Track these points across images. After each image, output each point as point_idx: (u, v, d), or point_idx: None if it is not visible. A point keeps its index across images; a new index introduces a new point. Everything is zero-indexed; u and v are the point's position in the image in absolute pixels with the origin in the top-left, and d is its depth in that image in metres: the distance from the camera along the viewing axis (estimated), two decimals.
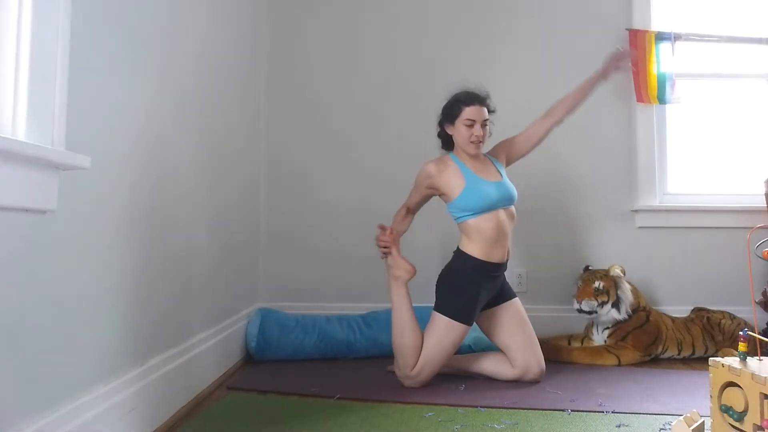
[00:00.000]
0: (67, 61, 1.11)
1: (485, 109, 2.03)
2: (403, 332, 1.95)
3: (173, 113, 1.69)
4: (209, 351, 1.93)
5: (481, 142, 2.01)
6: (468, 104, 2.01)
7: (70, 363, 1.17)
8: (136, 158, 1.45)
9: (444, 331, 1.95)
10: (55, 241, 1.12)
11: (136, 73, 1.45)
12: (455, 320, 1.95)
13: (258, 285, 2.70)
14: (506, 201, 2.03)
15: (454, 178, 2.01)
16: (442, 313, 1.97)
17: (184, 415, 1.63)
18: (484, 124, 2.02)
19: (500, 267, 2.05)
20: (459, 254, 2.04)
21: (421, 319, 2.38)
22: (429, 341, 1.95)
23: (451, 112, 2.04)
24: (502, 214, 2.02)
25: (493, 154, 2.15)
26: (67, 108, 1.12)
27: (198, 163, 1.88)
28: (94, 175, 1.24)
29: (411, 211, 2.20)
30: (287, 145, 2.79)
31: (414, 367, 1.92)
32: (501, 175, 2.08)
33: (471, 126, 1.99)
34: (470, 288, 1.98)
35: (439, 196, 2.09)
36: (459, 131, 2.02)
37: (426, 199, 2.14)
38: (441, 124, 2.09)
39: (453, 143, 2.10)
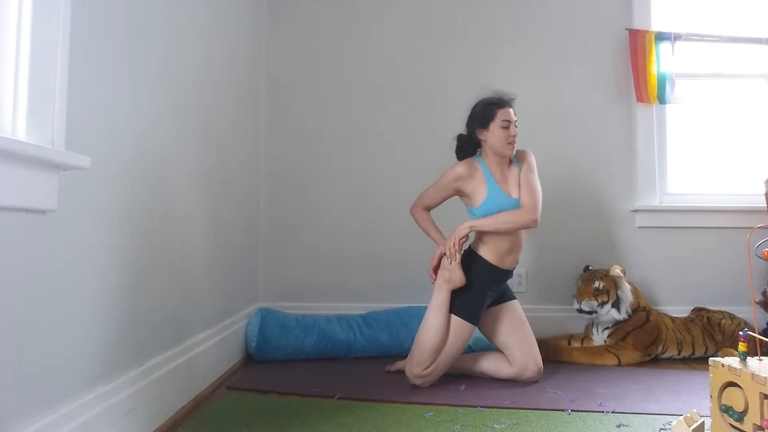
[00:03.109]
0: (67, 61, 1.11)
1: (513, 112, 2.06)
2: (432, 332, 1.94)
3: (174, 113, 1.68)
4: (209, 351, 1.93)
5: (515, 143, 2.04)
6: (501, 106, 2.03)
7: (70, 363, 1.17)
8: (137, 158, 1.45)
9: (457, 332, 1.96)
10: (55, 241, 1.12)
11: (137, 74, 1.45)
12: (467, 321, 1.97)
13: (258, 285, 2.70)
14: None
15: (480, 185, 2.03)
16: (455, 314, 1.97)
17: (184, 415, 1.63)
18: (515, 125, 2.04)
19: (509, 273, 2.09)
20: (471, 255, 2.05)
21: (417, 317, 2.39)
22: (446, 346, 1.96)
23: (484, 115, 2.04)
24: None
25: (518, 158, 2.11)
26: (67, 108, 1.12)
27: (198, 162, 1.88)
28: (94, 175, 1.24)
29: (427, 210, 2.16)
30: (287, 146, 2.79)
31: (428, 366, 1.93)
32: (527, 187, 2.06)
33: (507, 127, 2.01)
34: (480, 290, 2.00)
35: (460, 197, 2.10)
36: (494, 134, 2.02)
37: (446, 199, 2.12)
38: (471, 129, 2.08)
39: (474, 150, 2.11)
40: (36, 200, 1.04)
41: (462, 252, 2.01)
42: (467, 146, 2.12)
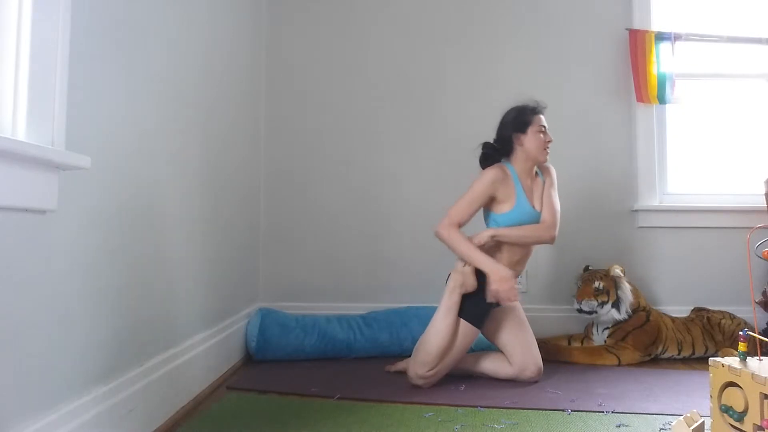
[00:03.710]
0: (67, 61, 1.11)
1: None
2: (440, 334, 1.93)
3: (174, 113, 1.69)
4: (209, 351, 1.93)
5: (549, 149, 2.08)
6: (537, 113, 2.07)
7: (71, 363, 1.17)
8: (137, 158, 1.45)
9: (462, 335, 1.96)
10: (55, 241, 1.12)
11: (137, 74, 1.45)
12: (473, 324, 1.97)
13: (258, 285, 2.70)
14: None
15: (511, 192, 2.03)
16: (462, 317, 1.97)
17: (184, 415, 1.64)
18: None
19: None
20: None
21: (417, 317, 2.39)
22: (453, 349, 1.95)
23: (522, 120, 2.05)
24: None
25: (542, 171, 2.14)
26: (67, 108, 1.12)
27: (198, 162, 1.88)
28: (94, 175, 1.24)
29: (460, 227, 2.01)
30: (287, 146, 2.79)
31: (433, 368, 1.92)
32: (548, 205, 2.08)
33: (544, 133, 2.04)
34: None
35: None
36: (532, 139, 2.04)
37: (478, 210, 2.04)
38: (507, 134, 2.06)
39: (498, 159, 2.09)
40: (36, 200, 1.04)
41: None
42: (492, 153, 2.11)
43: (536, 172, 2.13)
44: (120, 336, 1.37)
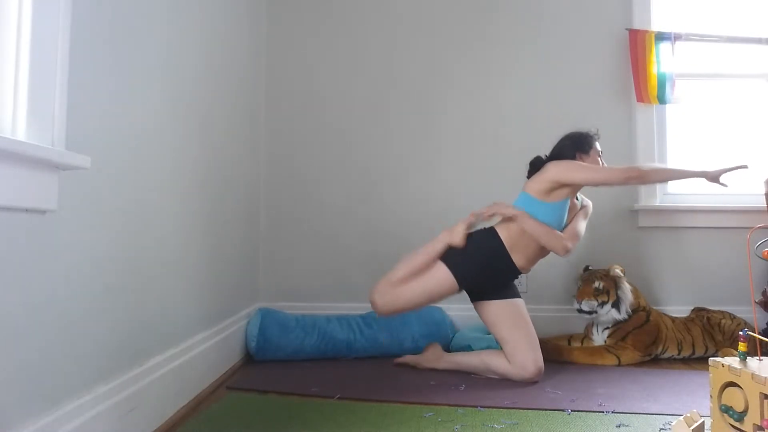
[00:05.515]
0: (67, 61, 1.11)
1: None
2: (412, 263, 2.04)
3: (173, 113, 1.69)
4: (209, 351, 1.93)
5: None
6: (596, 139, 2.23)
7: (70, 363, 1.17)
8: (137, 158, 1.45)
9: (435, 279, 2.02)
10: (55, 241, 1.12)
11: (137, 73, 1.45)
12: (454, 276, 2.02)
13: (258, 285, 2.70)
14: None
15: (565, 193, 2.08)
16: (446, 264, 2.02)
17: (184, 415, 1.64)
18: None
19: (516, 272, 2.14)
20: (492, 235, 2.09)
21: (417, 317, 2.39)
22: (419, 280, 2.02)
23: (587, 142, 2.19)
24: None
25: (584, 202, 2.28)
26: (67, 108, 1.12)
27: (198, 162, 1.89)
28: (94, 175, 1.24)
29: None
30: (287, 145, 2.79)
31: (391, 285, 2.01)
32: (575, 224, 2.17)
33: (601, 157, 2.20)
34: (479, 259, 2.05)
35: (551, 186, 2.07)
36: (593, 160, 2.17)
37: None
38: (570, 152, 2.16)
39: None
40: (36, 200, 1.04)
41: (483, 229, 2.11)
42: (540, 167, 2.16)
43: (576, 197, 2.22)
44: (120, 336, 1.37)
